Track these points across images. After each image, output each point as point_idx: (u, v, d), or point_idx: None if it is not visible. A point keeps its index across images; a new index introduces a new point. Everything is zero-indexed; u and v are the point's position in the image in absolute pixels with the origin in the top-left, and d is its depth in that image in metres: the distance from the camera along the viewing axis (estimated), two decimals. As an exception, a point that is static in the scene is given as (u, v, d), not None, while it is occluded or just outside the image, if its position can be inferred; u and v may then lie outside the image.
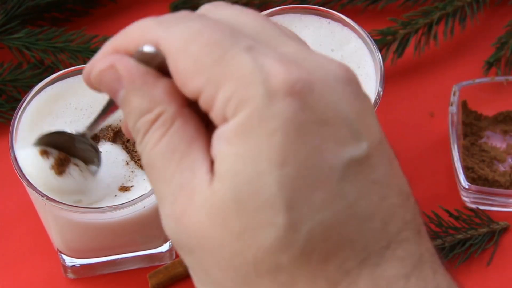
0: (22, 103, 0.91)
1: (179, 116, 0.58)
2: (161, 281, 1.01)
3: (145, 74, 0.59)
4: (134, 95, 0.59)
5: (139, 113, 0.59)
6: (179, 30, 0.57)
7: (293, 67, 0.55)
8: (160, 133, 0.58)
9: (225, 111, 0.55)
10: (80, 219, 0.88)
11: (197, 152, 0.57)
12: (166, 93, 0.58)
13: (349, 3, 1.19)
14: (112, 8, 1.21)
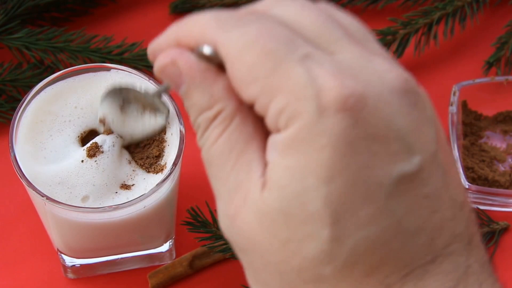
0: (22, 103, 0.91)
1: (238, 114, 0.59)
2: (161, 281, 1.01)
3: (205, 70, 0.59)
4: (194, 91, 0.60)
5: (200, 109, 0.60)
6: (236, 36, 0.57)
7: (347, 81, 0.55)
8: (219, 130, 0.59)
9: (277, 122, 0.56)
10: (80, 219, 0.88)
11: (254, 152, 0.58)
12: (226, 90, 0.59)
13: (349, 3, 1.19)
14: (112, 8, 1.21)
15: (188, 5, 1.19)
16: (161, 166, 0.90)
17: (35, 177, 0.88)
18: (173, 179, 0.90)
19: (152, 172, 0.90)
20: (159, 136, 0.90)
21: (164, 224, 0.97)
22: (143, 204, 0.88)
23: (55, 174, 0.88)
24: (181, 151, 0.88)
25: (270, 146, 0.57)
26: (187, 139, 0.95)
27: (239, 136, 0.59)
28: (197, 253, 1.03)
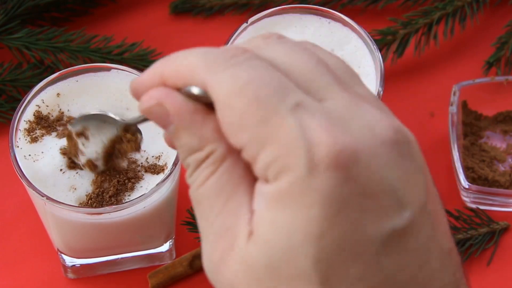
0: (22, 103, 0.91)
1: (229, 156, 0.57)
2: (161, 281, 1.01)
3: (193, 111, 0.58)
4: (183, 133, 0.58)
5: (189, 150, 0.58)
6: (225, 79, 0.56)
7: (338, 135, 0.54)
8: (209, 171, 0.57)
9: (266, 173, 0.55)
10: (80, 219, 0.88)
11: (243, 195, 0.57)
12: (216, 131, 0.57)
13: (349, 3, 1.19)
14: (112, 8, 1.21)
15: (188, 5, 1.19)
16: (161, 166, 0.90)
17: (35, 177, 0.88)
18: (173, 179, 0.90)
19: (152, 172, 0.90)
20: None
21: (164, 224, 0.97)
22: (143, 204, 0.88)
23: (55, 174, 0.88)
24: (181, 151, 0.88)
25: (257, 194, 0.56)
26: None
27: (228, 179, 0.57)
28: (197, 253, 1.03)
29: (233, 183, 0.57)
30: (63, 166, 0.89)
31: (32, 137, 0.90)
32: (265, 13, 0.96)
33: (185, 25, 1.19)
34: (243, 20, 0.97)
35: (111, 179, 0.88)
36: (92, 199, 0.87)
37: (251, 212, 0.56)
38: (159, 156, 0.90)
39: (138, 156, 0.90)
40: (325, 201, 0.53)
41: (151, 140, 0.92)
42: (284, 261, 0.54)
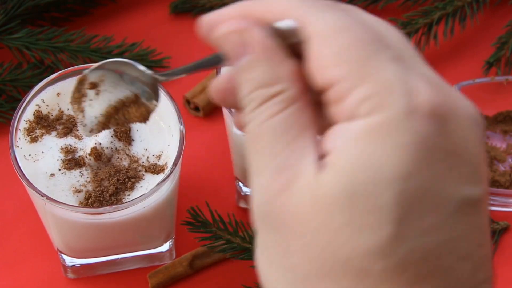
0: (22, 103, 0.91)
1: (299, 99, 0.58)
2: (161, 281, 1.01)
3: (275, 48, 0.58)
4: (257, 65, 0.58)
5: (258, 84, 0.58)
6: (329, 17, 0.57)
7: (439, 90, 0.55)
8: (277, 109, 0.57)
9: (357, 109, 0.55)
10: (80, 219, 0.88)
11: (308, 139, 0.57)
12: (291, 73, 0.58)
13: (349, 3, 1.19)
14: (112, 8, 1.21)
15: (188, 5, 1.19)
16: (161, 166, 0.90)
17: (35, 177, 0.88)
18: (173, 179, 0.90)
19: (152, 172, 0.90)
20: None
21: (164, 224, 0.97)
22: (143, 204, 0.88)
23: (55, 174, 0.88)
24: (181, 151, 0.88)
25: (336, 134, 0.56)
26: (187, 139, 0.95)
27: (296, 121, 0.57)
28: (197, 253, 1.03)
29: (300, 126, 0.57)
30: (63, 166, 0.89)
31: (32, 137, 0.90)
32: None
33: (185, 25, 1.19)
34: (243, 20, 0.97)
35: (111, 177, 0.88)
36: (92, 198, 0.87)
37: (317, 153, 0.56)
38: (160, 155, 0.90)
39: (139, 155, 0.91)
40: (419, 145, 0.54)
41: (152, 138, 0.92)
42: (366, 193, 0.54)
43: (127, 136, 0.92)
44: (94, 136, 0.89)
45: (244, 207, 1.07)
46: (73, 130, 0.91)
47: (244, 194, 1.06)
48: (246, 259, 0.97)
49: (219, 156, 1.10)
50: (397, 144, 0.54)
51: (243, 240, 0.97)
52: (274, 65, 0.58)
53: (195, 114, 1.12)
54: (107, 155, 0.90)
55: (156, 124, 0.92)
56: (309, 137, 0.57)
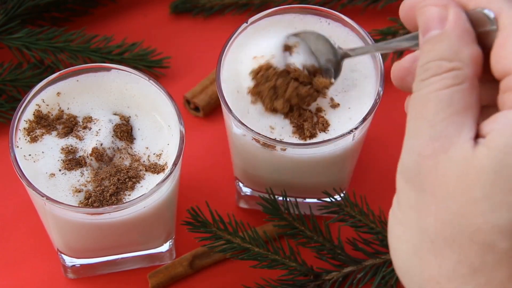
0: (22, 103, 0.91)
1: (470, 81, 0.62)
2: (161, 281, 1.01)
3: (467, 30, 0.63)
4: (445, 40, 0.63)
5: (439, 56, 0.63)
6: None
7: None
8: (448, 83, 0.62)
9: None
10: (80, 219, 0.88)
11: (470, 118, 0.62)
12: (472, 56, 0.63)
13: (349, 3, 1.19)
14: (112, 8, 1.21)
15: (188, 5, 1.19)
16: (161, 166, 0.90)
17: (35, 177, 0.88)
18: (173, 179, 0.90)
19: (152, 171, 0.90)
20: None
21: (164, 224, 0.97)
22: (143, 204, 0.88)
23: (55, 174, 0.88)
24: (181, 151, 0.88)
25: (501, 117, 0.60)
26: (187, 139, 0.95)
27: (462, 98, 0.62)
28: (197, 253, 1.03)
29: (464, 104, 0.62)
30: (64, 167, 0.89)
31: (32, 137, 0.90)
32: (265, 13, 0.96)
33: (185, 25, 1.19)
34: (243, 20, 0.97)
35: (112, 177, 0.88)
36: (92, 198, 0.87)
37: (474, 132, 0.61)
38: (160, 154, 0.90)
39: (141, 153, 0.91)
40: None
41: (153, 137, 0.92)
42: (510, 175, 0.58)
43: (128, 135, 0.92)
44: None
45: (244, 207, 1.07)
46: (74, 130, 0.91)
47: (244, 194, 1.06)
48: (246, 259, 0.97)
49: (219, 156, 1.10)
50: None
51: (243, 240, 0.97)
52: (460, 44, 0.63)
53: (195, 114, 1.12)
54: (109, 155, 0.90)
55: (156, 122, 0.92)
56: (471, 116, 0.62)
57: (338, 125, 0.92)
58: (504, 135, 0.59)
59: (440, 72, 0.62)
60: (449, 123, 0.61)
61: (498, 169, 0.58)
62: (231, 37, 0.95)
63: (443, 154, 0.60)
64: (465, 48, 0.62)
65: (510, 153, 0.58)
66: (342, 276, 0.99)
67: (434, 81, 0.62)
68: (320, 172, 0.97)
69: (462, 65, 0.62)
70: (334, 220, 0.99)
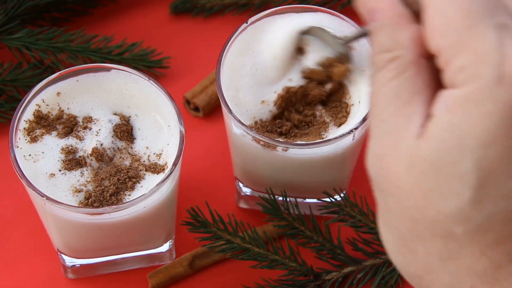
0: (22, 103, 0.91)
1: (414, 65, 0.61)
2: (161, 281, 1.01)
3: (399, 15, 0.62)
4: (381, 30, 0.62)
5: (380, 49, 0.62)
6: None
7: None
8: (391, 75, 0.61)
9: (455, 78, 0.58)
10: (80, 219, 0.88)
11: (418, 104, 0.61)
12: (410, 39, 0.61)
13: (349, 3, 1.19)
14: (112, 8, 1.21)
15: (188, 5, 1.19)
16: (161, 166, 0.90)
17: (35, 177, 0.88)
18: (173, 179, 0.90)
19: (152, 171, 0.90)
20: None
21: (164, 224, 0.97)
22: (143, 204, 0.88)
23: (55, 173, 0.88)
24: (181, 151, 0.88)
25: (440, 100, 0.59)
26: (187, 139, 0.95)
27: (408, 86, 0.61)
28: (197, 253, 1.03)
29: (412, 92, 0.61)
30: (64, 167, 0.89)
31: (32, 137, 0.90)
32: (265, 13, 0.96)
33: (185, 25, 1.19)
34: (243, 20, 0.97)
35: (112, 177, 0.88)
36: (92, 198, 0.87)
37: (424, 118, 0.60)
38: (160, 153, 0.90)
39: (141, 153, 0.91)
40: (503, 113, 0.57)
41: (153, 136, 0.92)
42: (449, 160, 0.58)
43: (129, 135, 0.92)
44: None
45: (244, 207, 1.07)
46: (74, 130, 0.92)
47: (244, 194, 1.06)
48: (246, 259, 0.97)
49: (219, 156, 1.10)
50: (481, 114, 0.57)
51: (243, 240, 0.97)
52: (395, 31, 0.62)
53: (195, 114, 1.12)
54: (109, 155, 0.90)
55: (156, 122, 0.92)
56: (420, 102, 0.61)
57: (335, 129, 0.92)
58: (440, 121, 0.58)
59: (384, 64, 0.62)
60: (398, 115, 0.61)
61: (435, 160, 0.58)
62: (231, 37, 0.95)
63: (393, 151, 0.60)
64: (401, 33, 0.61)
65: (443, 141, 0.58)
66: (342, 276, 0.99)
67: (380, 76, 0.62)
68: (320, 172, 0.97)
69: (402, 52, 0.61)
70: (334, 220, 0.99)
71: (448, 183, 0.58)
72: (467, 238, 0.59)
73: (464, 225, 0.59)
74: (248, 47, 0.95)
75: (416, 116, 0.60)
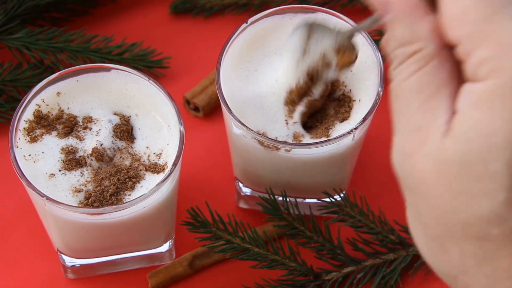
0: (22, 103, 0.91)
1: (436, 57, 0.59)
2: (161, 281, 1.01)
3: (415, 5, 0.60)
4: (398, 23, 0.61)
5: (399, 42, 0.61)
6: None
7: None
8: (414, 68, 0.60)
9: (477, 71, 0.57)
10: (80, 219, 0.88)
11: (443, 98, 0.59)
12: (430, 30, 0.60)
13: (349, 3, 1.19)
14: (112, 8, 1.21)
15: (188, 5, 1.19)
16: (161, 165, 0.90)
17: (35, 177, 0.88)
18: (173, 179, 0.90)
19: (152, 171, 0.90)
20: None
21: (164, 224, 0.97)
22: (143, 204, 0.88)
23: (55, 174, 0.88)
24: (181, 151, 0.88)
25: (463, 94, 0.58)
26: (187, 139, 0.95)
27: (431, 79, 0.59)
28: (197, 253, 1.03)
29: (436, 85, 0.59)
30: (63, 167, 0.89)
31: (31, 137, 0.90)
32: (265, 13, 0.96)
33: (185, 25, 1.19)
34: (243, 20, 0.97)
35: (112, 177, 0.88)
36: (92, 198, 0.87)
37: (450, 113, 0.58)
38: (160, 153, 0.90)
39: (141, 153, 0.91)
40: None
41: (153, 136, 0.92)
42: (479, 161, 0.56)
43: (129, 135, 0.92)
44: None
45: (244, 207, 1.07)
46: (74, 131, 0.92)
47: (244, 194, 1.06)
48: (246, 259, 0.97)
49: (219, 156, 1.10)
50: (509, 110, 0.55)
51: (243, 240, 0.97)
52: (413, 23, 0.60)
53: (195, 114, 1.12)
54: (109, 155, 0.90)
55: (157, 122, 0.92)
56: (445, 95, 0.59)
57: (338, 125, 0.92)
58: (466, 119, 0.57)
59: (405, 58, 0.60)
60: (424, 111, 0.59)
61: (464, 161, 0.56)
62: (231, 37, 0.95)
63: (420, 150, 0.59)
64: (419, 24, 0.60)
65: (472, 140, 0.56)
66: (342, 276, 0.99)
67: (402, 70, 0.60)
68: (320, 172, 0.97)
69: (423, 43, 0.59)
70: (334, 220, 0.99)
71: (479, 184, 0.57)
72: (504, 240, 0.58)
73: (500, 226, 0.57)
74: (248, 47, 0.95)
75: (441, 111, 0.58)
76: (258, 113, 0.92)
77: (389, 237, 1.00)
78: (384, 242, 0.99)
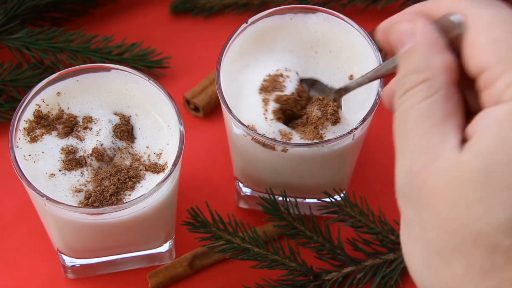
0: (22, 103, 0.91)
1: (445, 88, 0.63)
2: (161, 281, 1.01)
3: (436, 40, 0.64)
4: (416, 52, 0.64)
5: (411, 70, 0.64)
6: (489, 11, 0.62)
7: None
8: (422, 96, 0.63)
9: (503, 94, 0.59)
10: (80, 219, 0.88)
11: (451, 126, 0.62)
12: (444, 64, 0.63)
13: (349, 3, 1.19)
14: (112, 8, 1.21)
15: (188, 5, 1.20)
16: (161, 165, 0.90)
17: (35, 177, 0.88)
18: (173, 179, 0.90)
19: (152, 171, 0.90)
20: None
21: (164, 224, 0.97)
22: (143, 204, 0.88)
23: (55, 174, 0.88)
24: (181, 151, 0.88)
25: (482, 118, 0.60)
26: (187, 139, 0.95)
27: (440, 108, 0.62)
28: (197, 253, 1.03)
29: (443, 114, 0.62)
30: (63, 167, 0.89)
31: (31, 137, 0.90)
32: (265, 13, 0.96)
33: (185, 25, 1.19)
34: (243, 20, 0.97)
35: (112, 177, 0.88)
36: (92, 198, 0.87)
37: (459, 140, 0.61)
38: (160, 153, 0.90)
39: (141, 153, 0.91)
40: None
41: (154, 136, 0.92)
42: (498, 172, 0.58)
43: (129, 135, 0.92)
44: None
45: (244, 207, 1.07)
46: (74, 131, 0.92)
47: (244, 194, 1.06)
48: (246, 259, 0.97)
49: (219, 156, 1.10)
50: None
51: (243, 240, 0.97)
52: (430, 54, 0.63)
53: (195, 114, 1.12)
54: (109, 155, 0.90)
55: (156, 122, 0.92)
56: (452, 123, 0.62)
57: (338, 125, 0.92)
58: (487, 135, 0.59)
59: (414, 85, 0.63)
60: (432, 135, 0.61)
61: (485, 172, 0.58)
62: (231, 37, 0.95)
63: (430, 167, 0.61)
64: (436, 57, 0.63)
65: (494, 153, 0.58)
66: (342, 276, 0.99)
67: (410, 95, 0.63)
68: (320, 172, 0.97)
69: (433, 74, 0.63)
70: (334, 220, 0.99)
71: (497, 194, 0.58)
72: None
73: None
74: (248, 47, 0.95)
75: (451, 135, 0.61)
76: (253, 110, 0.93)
77: (389, 237, 1.00)
78: (384, 242, 0.99)
